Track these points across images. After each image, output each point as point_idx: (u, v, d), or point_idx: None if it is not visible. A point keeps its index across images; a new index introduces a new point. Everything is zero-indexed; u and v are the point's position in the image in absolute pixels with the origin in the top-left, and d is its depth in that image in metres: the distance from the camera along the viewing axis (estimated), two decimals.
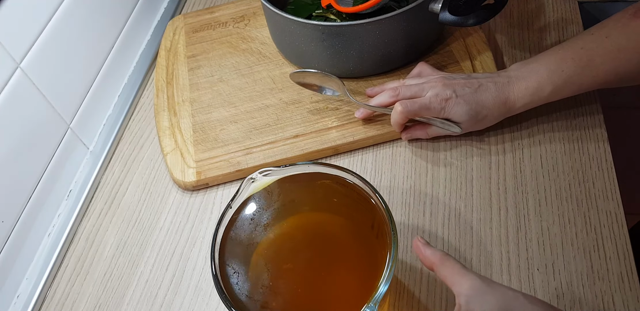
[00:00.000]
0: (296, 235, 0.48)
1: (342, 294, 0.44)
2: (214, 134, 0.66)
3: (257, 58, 0.74)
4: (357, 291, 0.43)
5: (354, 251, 0.46)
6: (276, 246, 0.47)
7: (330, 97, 0.67)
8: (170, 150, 0.66)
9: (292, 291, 0.44)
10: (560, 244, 0.54)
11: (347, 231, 0.47)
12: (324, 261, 0.46)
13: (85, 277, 0.59)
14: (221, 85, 0.72)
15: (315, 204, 0.49)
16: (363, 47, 0.64)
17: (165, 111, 0.70)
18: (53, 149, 0.62)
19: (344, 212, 0.48)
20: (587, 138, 0.61)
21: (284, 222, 0.48)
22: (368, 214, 0.46)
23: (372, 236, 0.45)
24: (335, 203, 0.49)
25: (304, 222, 0.49)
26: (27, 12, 0.57)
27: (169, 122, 0.69)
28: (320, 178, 0.49)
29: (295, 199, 0.49)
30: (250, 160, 0.63)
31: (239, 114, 0.68)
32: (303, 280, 0.45)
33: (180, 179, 0.63)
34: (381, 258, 0.42)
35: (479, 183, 0.59)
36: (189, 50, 0.77)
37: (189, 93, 0.72)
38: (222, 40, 0.78)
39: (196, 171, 0.63)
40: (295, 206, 0.49)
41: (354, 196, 0.47)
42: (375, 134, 0.63)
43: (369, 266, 0.43)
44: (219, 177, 0.63)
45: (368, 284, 0.42)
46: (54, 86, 0.61)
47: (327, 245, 0.47)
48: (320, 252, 0.47)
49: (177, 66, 0.75)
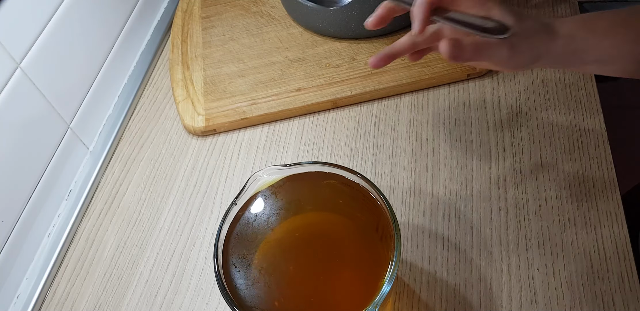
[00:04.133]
0: (300, 235, 0.48)
1: (345, 294, 0.44)
2: (222, 86, 0.72)
3: (266, 20, 0.80)
4: (360, 291, 0.43)
5: (357, 252, 0.46)
6: (280, 245, 0.47)
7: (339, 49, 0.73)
8: (182, 99, 0.72)
9: (295, 291, 0.44)
10: (560, 244, 0.54)
11: (352, 232, 0.47)
12: (327, 261, 0.46)
13: (85, 277, 0.59)
14: (232, 43, 0.78)
15: (321, 204, 0.49)
16: (364, 7, 0.69)
17: (179, 65, 0.76)
18: (53, 149, 0.62)
19: (349, 213, 0.48)
20: (587, 138, 0.61)
21: (288, 221, 0.48)
22: (373, 216, 0.46)
23: (377, 238, 0.45)
24: (340, 203, 0.49)
25: (309, 222, 0.48)
26: (27, 12, 0.57)
27: (182, 75, 0.75)
28: (325, 177, 0.49)
29: (301, 198, 0.49)
30: (255, 110, 0.69)
31: (247, 69, 0.74)
32: (306, 280, 0.45)
33: (190, 124, 0.69)
34: (385, 260, 0.42)
35: (479, 183, 0.59)
36: (203, 11, 0.84)
37: (202, 50, 0.78)
38: (234, 3, 0.84)
39: (205, 117, 0.69)
40: (300, 206, 0.49)
41: (359, 198, 0.47)
42: (372, 90, 0.68)
43: (373, 268, 0.43)
44: (225, 124, 0.69)
45: (371, 285, 0.42)
46: (54, 85, 0.61)
47: (331, 245, 0.47)
48: (324, 252, 0.46)
49: (192, 26, 0.82)
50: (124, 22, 0.75)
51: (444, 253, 0.55)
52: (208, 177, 0.65)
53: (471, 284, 0.52)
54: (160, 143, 0.70)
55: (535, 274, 0.52)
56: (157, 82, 0.78)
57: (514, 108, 0.65)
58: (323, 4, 0.71)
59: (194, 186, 0.65)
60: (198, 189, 0.64)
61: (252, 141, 0.68)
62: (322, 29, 0.74)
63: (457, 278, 0.53)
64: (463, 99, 0.67)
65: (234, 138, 0.69)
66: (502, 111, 0.65)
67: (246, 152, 0.67)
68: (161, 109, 0.74)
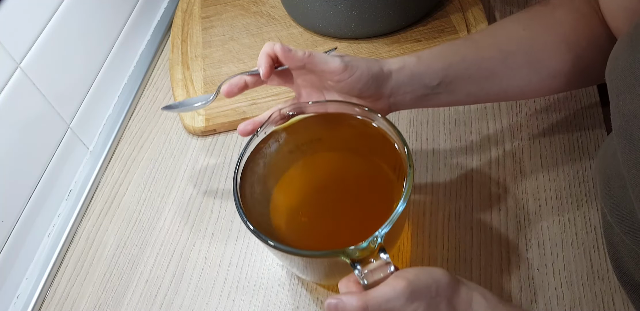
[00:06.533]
0: (319, 169, 0.50)
1: (358, 219, 0.46)
2: None
3: (266, 20, 0.80)
4: (372, 218, 0.44)
5: (374, 187, 0.48)
6: (298, 176, 0.49)
7: None
8: (182, 99, 0.70)
9: (310, 215, 0.46)
10: (560, 244, 0.54)
11: (370, 170, 0.49)
12: (343, 193, 0.48)
13: (85, 277, 0.59)
14: (232, 43, 0.78)
15: (341, 143, 0.51)
16: (363, 7, 0.69)
17: (179, 65, 0.76)
18: (53, 149, 0.62)
19: (369, 153, 0.50)
20: (587, 138, 0.61)
21: (308, 157, 0.50)
22: (391, 157, 0.47)
23: (394, 178, 0.47)
24: (361, 144, 0.51)
25: (329, 159, 0.51)
26: (27, 11, 0.57)
27: (182, 75, 0.75)
28: (348, 118, 0.50)
29: (322, 137, 0.51)
30: (255, 110, 0.69)
31: (247, 69, 0.73)
32: (321, 206, 0.47)
33: (190, 124, 0.69)
34: (399, 195, 0.43)
35: (479, 183, 0.59)
36: (203, 11, 0.84)
37: (202, 50, 0.78)
38: (234, 3, 0.84)
39: (205, 118, 0.69)
40: (322, 144, 0.51)
41: (379, 139, 0.48)
42: None
43: (387, 202, 0.44)
44: (225, 124, 0.69)
45: (387, 208, 0.43)
46: (54, 85, 0.61)
47: (349, 181, 0.49)
48: (341, 185, 0.49)
49: (192, 26, 0.82)
50: (124, 22, 0.75)
51: (444, 253, 0.54)
52: (208, 177, 0.65)
53: None
54: (160, 143, 0.70)
55: (535, 274, 0.52)
56: (157, 82, 0.78)
57: (514, 108, 0.65)
58: None
59: (194, 186, 0.65)
60: (198, 189, 0.64)
61: None
62: (322, 29, 0.74)
63: None
64: None
65: (234, 138, 0.69)
66: (502, 110, 0.65)
67: None
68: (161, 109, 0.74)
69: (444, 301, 0.40)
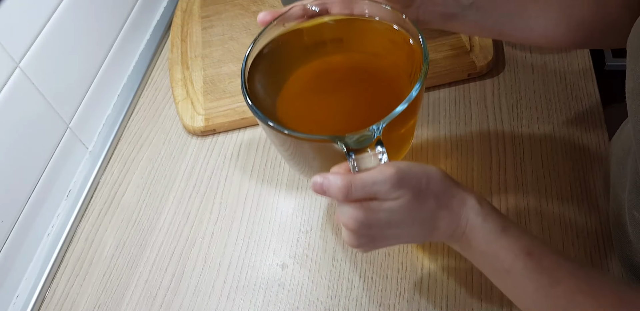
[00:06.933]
0: (335, 66, 0.50)
1: (363, 113, 0.46)
2: (222, 86, 0.72)
3: None
4: (377, 114, 0.42)
5: (385, 88, 0.48)
6: (312, 71, 0.49)
7: None
8: (182, 99, 0.71)
9: (315, 105, 0.47)
10: (560, 244, 0.54)
11: (385, 72, 0.49)
12: (354, 88, 0.49)
13: (85, 277, 0.59)
14: (232, 43, 0.78)
15: (361, 46, 0.51)
16: None
17: (178, 64, 0.76)
18: (52, 149, 0.62)
19: (387, 57, 0.50)
20: (587, 138, 0.61)
21: (326, 55, 0.50)
22: (409, 62, 0.47)
23: (407, 83, 0.46)
24: (380, 48, 0.50)
25: (346, 58, 0.51)
26: (27, 11, 0.57)
27: (182, 75, 0.74)
28: (372, 23, 0.49)
29: (344, 38, 0.51)
30: None
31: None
32: (329, 98, 0.47)
33: (189, 124, 0.68)
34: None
35: (479, 182, 0.59)
36: (203, 11, 0.84)
37: (201, 49, 0.78)
38: (234, 2, 0.84)
39: (205, 117, 0.69)
40: (342, 45, 0.51)
41: (400, 44, 0.48)
42: None
43: (395, 102, 0.43)
44: (225, 124, 0.68)
45: (388, 111, 0.41)
46: (53, 85, 0.61)
47: (362, 79, 0.49)
48: (353, 82, 0.49)
49: (192, 25, 0.82)
50: (124, 21, 0.75)
51: (444, 253, 0.54)
52: (208, 177, 0.65)
53: (472, 284, 0.52)
54: (159, 143, 0.70)
55: None
56: (157, 82, 0.77)
57: (514, 108, 0.65)
58: None
59: (194, 186, 0.65)
60: (198, 189, 0.64)
61: (252, 141, 0.68)
62: None
63: (457, 278, 0.53)
64: (463, 98, 0.66)
65: (234, 138, 0.69)
66: (502, 110, 0.65)
67: (246, 152, 0.67)
68: (160, 109, 0.74)
69: (433, 196, 0.39)
